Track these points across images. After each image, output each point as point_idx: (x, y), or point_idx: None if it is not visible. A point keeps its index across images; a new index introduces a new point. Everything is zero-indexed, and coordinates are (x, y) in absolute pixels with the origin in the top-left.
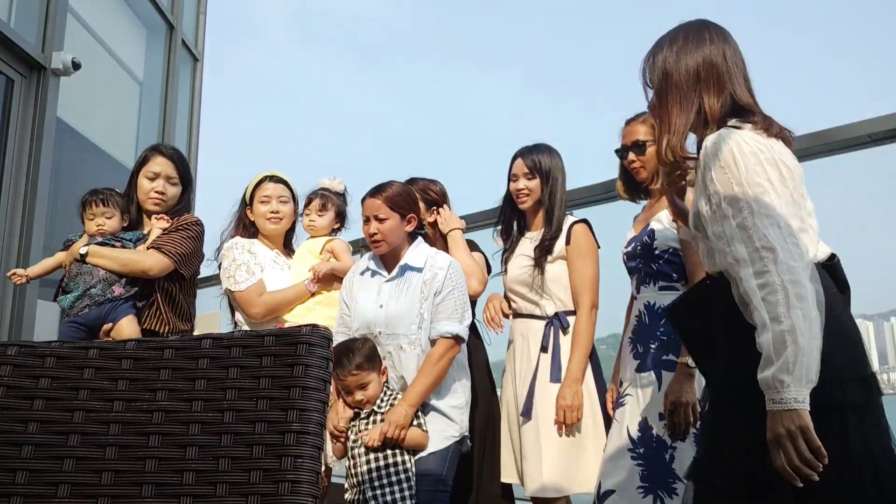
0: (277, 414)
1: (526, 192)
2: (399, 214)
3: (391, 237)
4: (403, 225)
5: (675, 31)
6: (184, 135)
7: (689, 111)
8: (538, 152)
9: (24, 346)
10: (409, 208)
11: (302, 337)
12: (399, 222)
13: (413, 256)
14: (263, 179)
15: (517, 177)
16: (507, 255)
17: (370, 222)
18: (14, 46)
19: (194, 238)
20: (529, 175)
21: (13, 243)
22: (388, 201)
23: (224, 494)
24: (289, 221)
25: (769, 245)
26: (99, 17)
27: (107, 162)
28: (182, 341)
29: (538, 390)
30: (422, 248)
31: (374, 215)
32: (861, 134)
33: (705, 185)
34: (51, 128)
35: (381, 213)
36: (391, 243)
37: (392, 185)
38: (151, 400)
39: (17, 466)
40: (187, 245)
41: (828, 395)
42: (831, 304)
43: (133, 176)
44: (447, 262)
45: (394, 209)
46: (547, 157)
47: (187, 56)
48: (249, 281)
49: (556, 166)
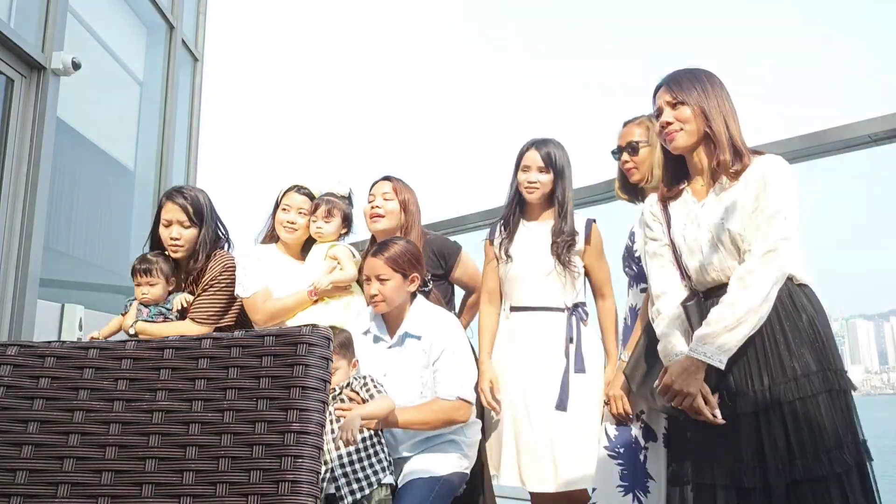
0: (277, 414)
1: (536, 185)
2: (401, 275)
3: (392, 298)
4: (406, 284)
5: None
6: (184, 135)
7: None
8: (552, 146)
9: (24, 346)
10: (411, 268)
11: (302, 337)
12: (401, 282)
13: (412, 322)
14: (291, 188)
15: (529, 168)
16: (507, 244)
17: (371, 282)
18: (14, 46)
19: (224, 287)
20: (544, 169)
21: (13, 243)
22: (389, 262)
23: (224, 494)
24: (305, 232)
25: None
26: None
27: (107, 162)
28: (182, 341)
29: (572, 382)
30: (420, 309)
31: (376, 276)
32: (861, 134)
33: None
34: (51, 128)
35: (383, 273)
36: (391, 304)
37: (395, 244)
38: (151, 400)
39: (17, 466)
40: (218, 302)
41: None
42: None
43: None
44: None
45: (396, 270)
46: (560, 152)
47: (187, 56)
48: (255, 287)
49: (567, 162)
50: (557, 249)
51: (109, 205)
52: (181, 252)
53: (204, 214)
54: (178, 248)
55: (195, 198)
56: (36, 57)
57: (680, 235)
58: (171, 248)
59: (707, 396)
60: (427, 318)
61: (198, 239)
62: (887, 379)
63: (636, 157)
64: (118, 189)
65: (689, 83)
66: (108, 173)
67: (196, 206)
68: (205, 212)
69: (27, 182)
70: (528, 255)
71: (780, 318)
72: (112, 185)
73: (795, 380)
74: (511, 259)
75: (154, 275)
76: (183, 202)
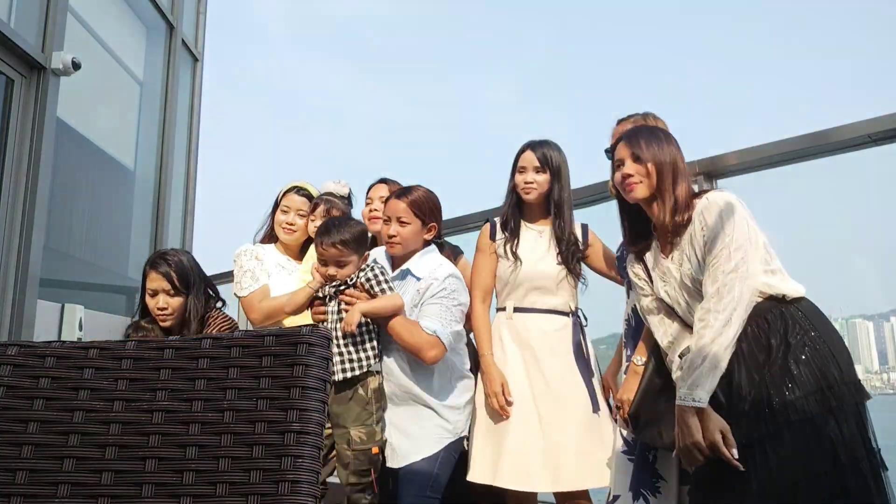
0: (277, 414)
1: (533, 185)
2: (421, 220)
3: (409, 242)
4: (423, 232)
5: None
6: (184, 135)
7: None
8: (548, 147)
9: (24, 346)
10: (431, 216)
11: (302, 337)
12: (419, 228)
13: (418, 264)
14: (290, 189)
15: (525, 169)
16: (512, 246)
17: (391, 223)
18: (14, 46)
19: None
20: (540, 169)
21: (13, 243)
22: (412, 206)
23: (224, 494)
24: (304, 234)
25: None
26: (99, 17)
27: (107, 162)
28: (182, 341)
29: (596, 385)
30: (430, 257)
31: (397, 217)
32: (861, 134)
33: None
34: (51, 128)
35: (404, 216)
36: (406, 247)
37: (418, 189)
38: (151, 400)
39: (17, 466)
40: None
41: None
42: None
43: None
44: (446, 273)
45: (417, 215)
46: (556, 153)
47: (187, 56)
48: (252, 287)
49: (564, 163)
50: (565, 258)
51: (109, 205)
52: (170, 321)
53: (190, 280)
54: (167, 318)
55: (178, 263)
56: (36, 57)
57: (663, 291)
58: (160, 318)
59: (727, 436)
60: (434, 264)
61: (186, 306)
62: (887, 379)
63: None
64: (118, 189)
65: (646, 141)
66: (108, 173)
67: (180, 273)
68: (190, 277)
69: (27, 182)
70: (535, 258)
71: (773, 345)
72: (112, 185)
73: (794, 403)
74: (520, 261)
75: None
76: (166, 269)
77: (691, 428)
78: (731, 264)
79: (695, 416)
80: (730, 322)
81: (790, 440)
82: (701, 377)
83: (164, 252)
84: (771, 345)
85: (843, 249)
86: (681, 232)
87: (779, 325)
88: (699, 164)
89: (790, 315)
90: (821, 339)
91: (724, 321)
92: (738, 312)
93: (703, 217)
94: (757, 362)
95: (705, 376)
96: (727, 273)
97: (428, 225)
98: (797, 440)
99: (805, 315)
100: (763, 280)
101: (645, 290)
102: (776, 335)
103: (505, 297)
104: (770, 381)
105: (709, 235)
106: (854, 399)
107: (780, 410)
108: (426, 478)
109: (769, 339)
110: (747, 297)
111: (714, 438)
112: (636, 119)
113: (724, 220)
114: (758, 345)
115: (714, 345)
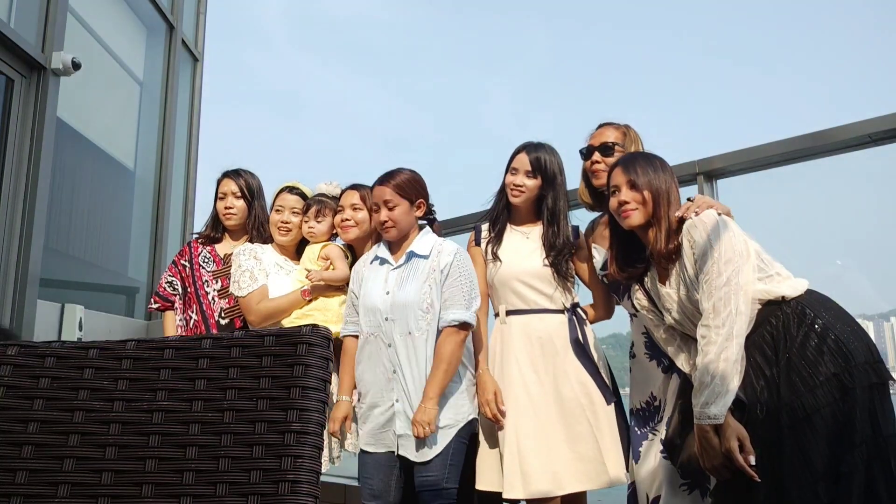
0: (277, 414)
1: (522, 189)
2: (408, 201)
3: (402, 223)
4: (413, 211)
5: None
6: (184, 135)
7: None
8: (543, 152)
9: (24, 346)
10: (417, 194)
11: (302, 337)
12: (408, 208)
13: (420, 244)
14: (283, 190)
15: (517, 171)
16: (495, 246)
17: (380, 210)
18: (14, 46)
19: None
20: (531, 173)
21: (13, 243)
22: (396, 188)
23: (224, 494)
24: (299, 233)
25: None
26: (99, 17)
27: (107, 162)
28: (182, 341)
29: (605, 376)
30: (429, 236)
31: (384, 201)
32: (861, 134)
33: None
34: (51, 128)
35: (391, 199)
36: (402, 229)
37: (401, 172)
38: (151, 400)
39: (17, 466)
40: None
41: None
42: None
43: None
44: (454, 248)
45: (403, 196)
46: (551, 158)
47: (187, 56)
48: (251, 287)
49: (559, 168)
50: (554, 263)
51: (109, 205)
52: (234, 220)
53: (255, 192)
54: (232, 216)
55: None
56: (36, 57)
57: (670, 318)
58: (225, 217)
59: (744, 443)
60: (436, 242)
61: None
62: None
63: (608, 159)
64: (118, 189)
65: (643, 168)
66: (108, 173)
67: (248, 183)
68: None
69: (27, 182)
70: (518, 257)
71: (779, 347)
72: (112, 185)
73: (812, 390)
74: (500, 261)
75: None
76: (236, 177)
77: (715, 449)
78: (722, 278)
79: (714, 434)
80: (731, 335)
81: (810, 433)
82: (712, 395)
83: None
84: (777, 347)
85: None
86: (675, 258)
87: (781, 326)
88: (699, 164)
89: (792, 313)
90: (836, 324)
91: (725, 335)
92: (738, 325)
93: (690, 235)
94: (766, 367)
95: (716, 393)
96: (720, 287)
97: (416, 202)
98: (818, 431)
99: (808, 308)
100: (759, 287)
101: (656, 321)
102: (780, 336)
103: (497, 302)
104: (784, 381)
105: (698, 253)
106: (869, 379)
107: (796, 408)
108: (435, 485)
109: (774, 343)
110: (745, 309)
111: (730, 445)
112: (619, 126)
113: (710, 237)
114: (763, 351)
115: (720, 361)
